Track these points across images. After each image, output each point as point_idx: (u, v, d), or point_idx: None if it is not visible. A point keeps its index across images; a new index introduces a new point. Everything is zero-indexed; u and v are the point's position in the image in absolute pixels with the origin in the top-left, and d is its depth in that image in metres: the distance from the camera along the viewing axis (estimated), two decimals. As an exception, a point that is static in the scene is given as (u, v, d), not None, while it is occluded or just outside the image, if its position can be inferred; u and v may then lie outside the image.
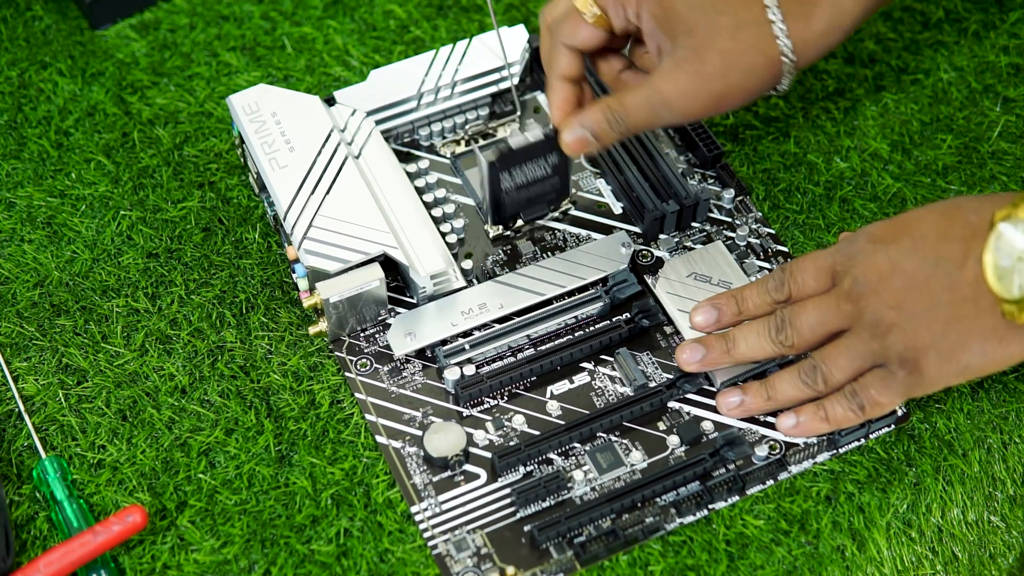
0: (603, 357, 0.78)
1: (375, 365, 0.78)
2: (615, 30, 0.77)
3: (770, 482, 0.74)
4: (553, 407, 0.76)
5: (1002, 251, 0.64)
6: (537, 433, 0.75)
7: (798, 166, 0.87)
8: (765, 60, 0.74)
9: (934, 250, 0.68)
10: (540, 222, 0.84)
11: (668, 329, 0.79)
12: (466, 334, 0.78)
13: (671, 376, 0.77)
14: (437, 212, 0.83)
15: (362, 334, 0.79)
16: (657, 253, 0.82)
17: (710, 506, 0.73)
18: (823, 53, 0.76)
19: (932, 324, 0.67)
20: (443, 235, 0.82)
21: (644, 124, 0.76)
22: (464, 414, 0.76)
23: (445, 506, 0.73)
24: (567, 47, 0.78)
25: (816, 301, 0.72)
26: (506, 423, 0.76)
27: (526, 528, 0.72)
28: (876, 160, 0.87)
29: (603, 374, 0.78)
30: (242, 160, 0.85)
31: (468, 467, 0.74)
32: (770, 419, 0.76)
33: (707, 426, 0.76)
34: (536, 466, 0.74)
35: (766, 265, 0.82)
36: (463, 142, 0.87)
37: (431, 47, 0.93)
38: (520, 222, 0.83)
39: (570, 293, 0.80)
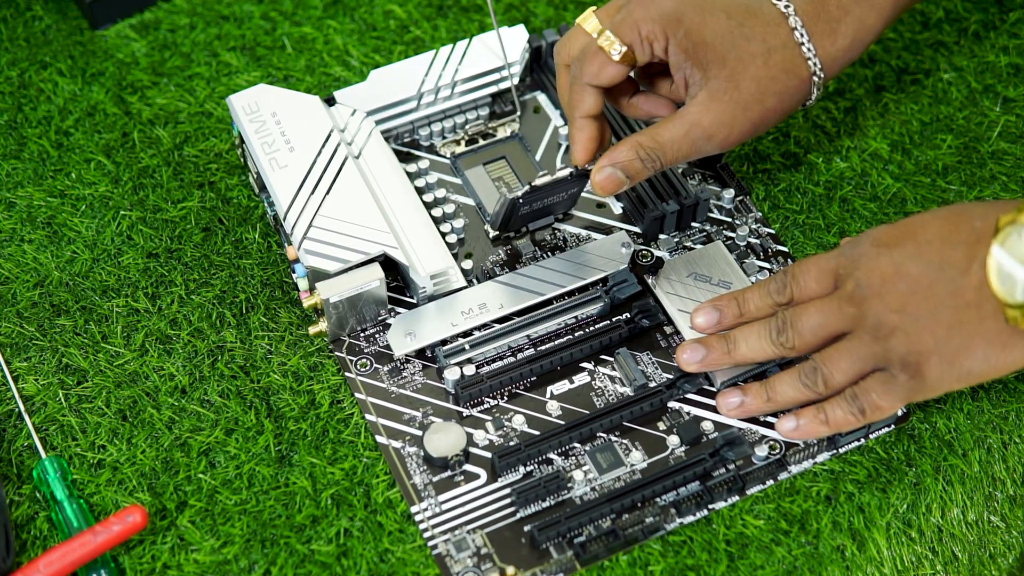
0: (603, 357, 0.78)
1: (375, 365, 0.78)
2: (638, 64, 0.77)
3: (770, 482, 0.74)
4: (553, 407, 0.76)
5: (1007, 256, 0.64)
6: (537, 433, 0.75)
7: (798, 166, 0.87)
8: (798, 81, 0.75)
9: (939, 255, 0.68)
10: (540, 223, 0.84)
11: (668, 329, 0.79)
12: (466, 334, 0.78)
13: (671, 376, 0.77)
14: (437, 212, 0.83)
15: (362, 334, 0.79)
16: (657, 253, 0.82)
17: (710, 506, 0.73)
18: (848, 65, 0.77)
19: (935, 328, 0.67)
20: (443, 235, 0.82)
21: (684, 157, 0.76)
22: (464, 414, 0.76)
23: (445, 506, 0.73)
24: (591, 86, 0.77)
25: (818, 303, 0.72)
26: (506, 423, 0.76)
27: (526, 528, 0.72)
28: (876, 160, 0.87)
29: (603, 374, 0.78)
30: (242, 160, 0.85)
31: (468, 467, 0.74)
32: (770, 419, 0.76)
33: (707, 426, 0.76)
34: (536, 466, 0.74)
35: (766, 265, 0.82)
36: (463, 142, 0.87)
37: (431, 47, 0.93)
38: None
39: (570, 293, 0.80)
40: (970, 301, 0.66)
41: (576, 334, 0.79)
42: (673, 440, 0.75)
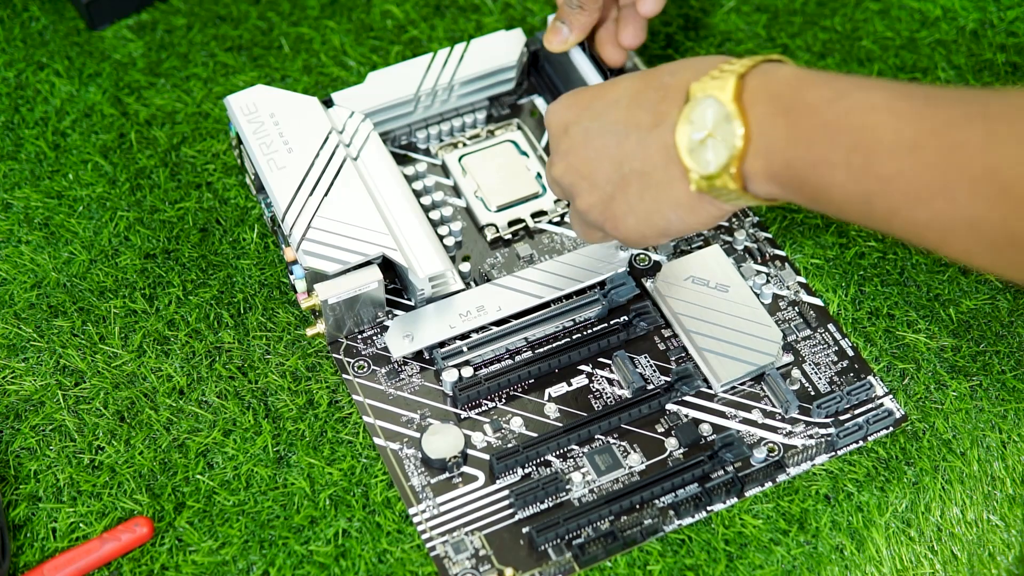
0: (601, 360, 0.78)
1: (373, 367, 0.78)
2: None
3: (768, 484, 0.74)
4: (551, 409, 0.76)
5: (695, 124, 0.62)
6: (535, 435, 0.75)
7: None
8: None
9: (625, 116, 0.66)
10: (539, 225, 0.84)
11: (666, 332, 0.79)
12: (464, 336, 0.78)
13: (669, 379, 0.77)
14: (435, 215, 0.83)
15: (360, 336, 0.79)
16: (655, 257, 0.82)
17: (708, 508, 0.73)
18: None
19: (624, 191, 0.67)
20: (441, 238, 0.82)
21: None
22: (462, 416, 0.76)
23: (443, 508, 0.73)
24: None
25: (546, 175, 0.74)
26: (504, 425, 0.76)
27: (525, 530, 0.72)
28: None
29: (601, 377, 0.78)
30: (239, 161, 0.85)
31: (466, 469, 0.74)
32: (769, 421, 0.76)
33: (705, 428, 0.76)
34: (534, 468, 0.74)
35: (764, 269, 0.82)
36: (460, 145, 0.87)
37: (429, 47, 0.93)
38: (518, 225, 0.83)
39: (568, 296, 0.80)
40: (656, 164, 0.65)
41: (574, 337, 0.79)
42: (671, 442, 0.75)
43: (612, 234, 0.69)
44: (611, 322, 0.79)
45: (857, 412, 0.76)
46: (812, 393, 0.77)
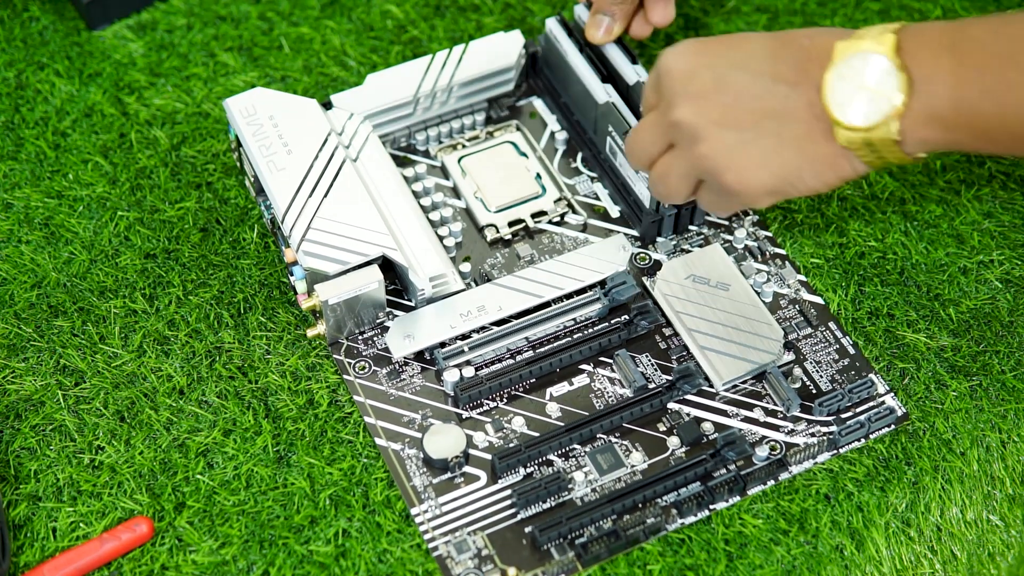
0: (602, 359, 0.78)
1: (374, 367, 0.78)
2: None
3: (771, 482, 0.74)
4: (553, 409, 0.76)
5: (848, 79, 0.63)
6: (537, 435, 0.75)
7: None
8: None
9: (770, 67, 0.66)
10: (539, 225, 0.84)
11: (667, 331, 0.79)
12: (465, 336, 0.78)
13: (670, 378, 0.77)
14: (435, 216, 0.83)
15: (360, 337, 0.79)
16: (655, 256, 0.82)
17: (711, 506, 0.73)
18: None
19: (761, 140, 0.66)
20: (441, 239, 0.82)
21: None
22: (463, 416, 0.76)
23: (445, 508, 0.73)
24: None
25: (644, 120, 0.72)
26: (505, 425, 0.76)
27: (527, 529, 0.72)
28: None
29: (602, 376, 0.78)
30: (239, 164, 0.85)
31: (468, 469, 0.74)
32: (771, 420, 0.76)
33: (707, 427, 0.76)
34: (536, 467, 0.74)
35: (764, 268, 0.82)
36: (459, 147, 0.87)
37: (429, 47, 0.93)
38: (518, 225, 0.83)
39: (569, 295, 0.80)
40: (800, 118, 0.65)
41: (575, 336, 0.79)
42: (673, 441, 0.75)
43: (732, 186, 0.67)
44: (612, 321, 0.79)
45: (859, 410, 0.76)
46: (813, 391, 0.77)
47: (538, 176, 0.85)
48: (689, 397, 0.77)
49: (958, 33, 0.61)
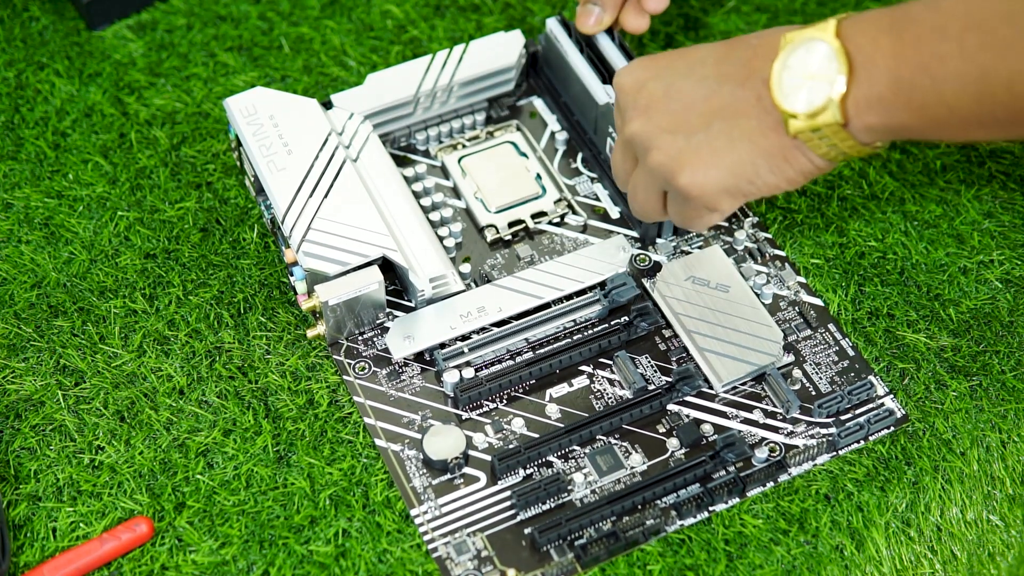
0: (602, 360, 0.78)
1: (373, 368, 0.78)
2: None
3: (770, 484, 0.74)
4: (552, 410, 0.76)
5: (793, 68, 0.63)
6: (536, 436, 0.75)
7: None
8: None
9: (714, 71, 0.67)
10: (539, 226, 0.84)
11: (667, 332, 0.79)
12: (465, 337, 0.78)
13: (670, 379, 0.77)
14: (435, 216, 0.83)
15: (360, 337, 0.79)
16: (655, 257, 0.82)
17: (710, 508, 0.73)
18: None
19: (712, 140, 0.66)
20: (441, 239, 0.82)
21: None
22: (463, 417, 0.76)
23: (445, 509, 0.73)
24: None
25: (616, 141, 0.73)
26: (505, 426, 0.76)
27: (527, 531, 0.72)
28: (875, 159, 0.87)
29: (602, 377, 0.78)
30: (238, 164, 0.85)
31: (468, 470, 0.74)
32: (771, 421, 0.76)
33: (707, 429, 0.76)
34: (536, 469, 0.74)
35: (764, 269, 0.82)
36: (460, 147, 0.87)
37: (429, 47, 0.93)
38: (518, 226, 0.83)
39: (568, 297, 0.80)
40: (749, 114, 0.65)
41: (575, 337, 0.79)
42: (673, 443, 0.75)
43: (687, 189, 0.67)
44: (612, 322, 0.79)
45: (858, 412, 0.76)
46: (813, 393, 0.77)
47: (538, 176, 0.85)
48: (689, 399, 0.77)
49: (899, 13, 0.62)
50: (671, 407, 0.76)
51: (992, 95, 0.60)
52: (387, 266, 0.77)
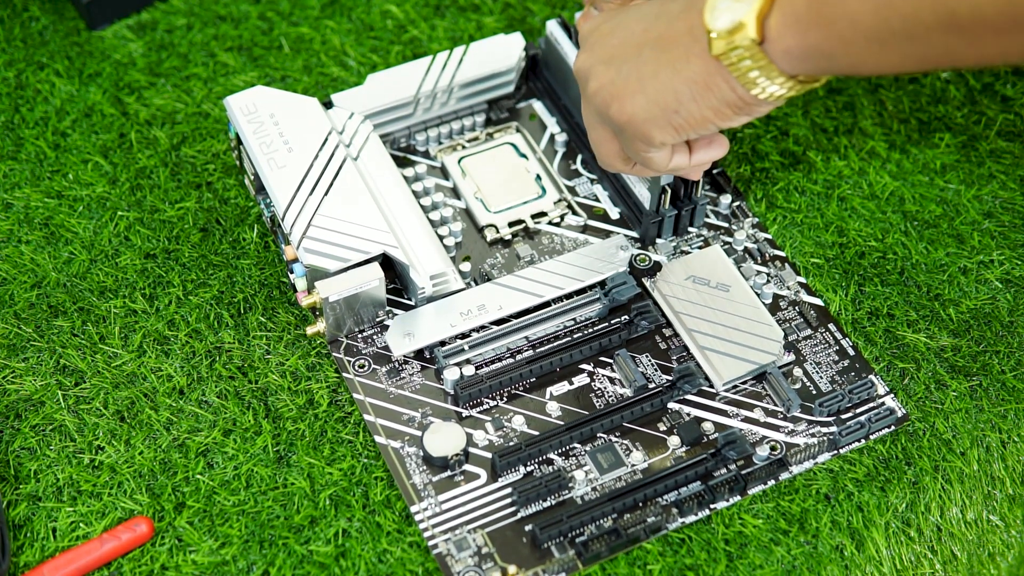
0: (602, 359, 0.78)
1: (373, 366, 0.78)
2: None
3: (771, 482, 0.74)
4: (553, 408, 0.76)
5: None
6: (537, 434, 0.75)
7: (796, 165, 0.87)
8: None
9: (657, 7, 0.69)
10: (539, 226, 0.84)
11: (667, 331, 0.79)
12: (465, 335, 0.78)
13: (671, 378, 0.77)
14: (435, 216, 0.83)
15: (360, 335, 0.79)
16: (655, 257, 0.82)
17: (711, 506, 0.73)
18: None
19: (640, 67, 0.68)
20: (441, 238, 0.82)
21: None
22: (463, 415, 0.76)
23: (445, 506, 0.73)
24: None
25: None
26: (506, 424, 0.76)
27: (527, 528, 0.72)
28: (874, 158, 0.87)
29: (602, 375, 0.78)
30: (238, 163, 0.85)
31: (468, 467, 0.74)
32: (771, 420, 0.76)
33: (707, 427, 0.76)
34: (536, 466, 0.74)
35: (764, 269, 0.82)
36: (459, 148, 0.87)
37: (429, 47, 0.93)
38: (518, 225, 0.83)
39: (569, 295, 0.80)
40: (679, 40, 0.67)
41: (575, 336, 0.79)
42: (674, 441, 0.75)
43: (618, 119, 0.69)
44: (612, 321, 0.79)
45: (859, 411, 0.76)
46: (813, 392, 0.77)
47: (538, 177, 0.85)
48: (689, 397, 0.77)
49: None
50: (672, 405, 0.76)
51: (897, 15, 0.60)
52: (387, 264, 0.77)
